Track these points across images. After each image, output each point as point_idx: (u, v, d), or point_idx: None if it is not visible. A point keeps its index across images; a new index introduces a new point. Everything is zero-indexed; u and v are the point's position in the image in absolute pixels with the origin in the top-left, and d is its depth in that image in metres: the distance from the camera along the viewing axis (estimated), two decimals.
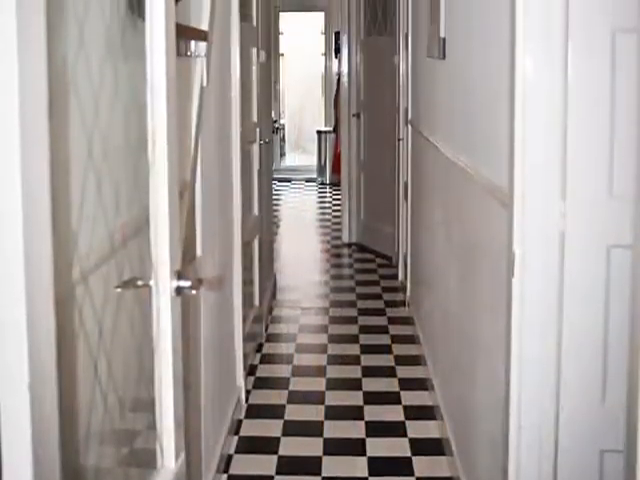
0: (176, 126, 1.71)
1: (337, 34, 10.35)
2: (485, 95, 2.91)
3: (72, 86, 1.44)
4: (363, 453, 3.72)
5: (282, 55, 13.32)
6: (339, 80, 9.01)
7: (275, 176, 9.32)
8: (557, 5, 2.23)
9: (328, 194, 11.10)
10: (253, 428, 4.02)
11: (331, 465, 3.62)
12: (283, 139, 13.66)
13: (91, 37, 1.50)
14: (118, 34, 1.64)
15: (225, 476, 3.54)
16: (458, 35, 3.47)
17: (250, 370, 4.67)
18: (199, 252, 3.06)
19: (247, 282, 4.53)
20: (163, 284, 1.69)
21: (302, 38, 13.62)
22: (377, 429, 3.97)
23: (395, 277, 6.61)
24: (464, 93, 3.33)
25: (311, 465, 3.62)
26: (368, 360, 4.88)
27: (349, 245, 7.92)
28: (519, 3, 2.27)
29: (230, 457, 3.70)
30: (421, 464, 3.62)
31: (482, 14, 2.94)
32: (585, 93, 2.26)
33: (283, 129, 13.63)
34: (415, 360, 4.82)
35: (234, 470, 3.59)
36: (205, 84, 3.07)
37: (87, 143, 1.53)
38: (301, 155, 13.78)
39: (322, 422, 4.05)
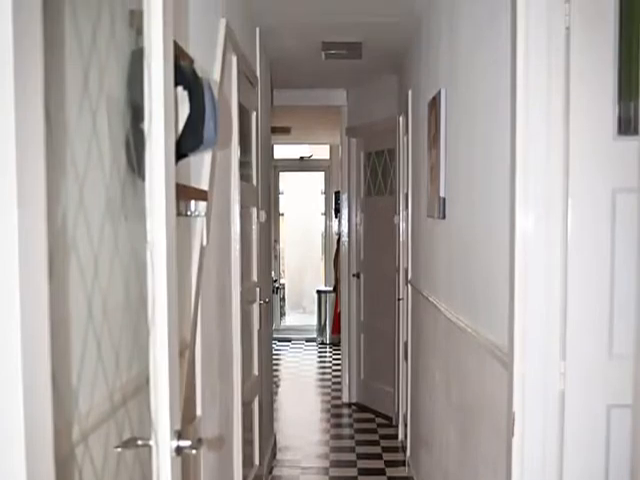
0: (176, 285, 1.71)
1: (337, 194, 10.55)
2: (485, 255, 2.94)
3: (72, 245, 1.46)
4: None
5: (282, 215, 13.52)
6: (339, 240, 9.13)
7: (275, 336, 9.29)
8: (557, 165, 2.29)
9: (328, 354, 11.04)
10: None
11: None
12: (283, 299, 13.70)
13: (91, 196, 1.52)
14: (118, 194, 1.67)
15: None
16: (458, 195, 3.54)
17: None
18: (199, 412, 3.02)
19: (247, 442, 4.45)
20: (163, 444, 1.66)
21: (302, 198, 13.87)
22: None
23: (395, 437, 6.52)
24: (464, 252, 3.37)
25: None
26: None
27: (349, 405, 7.83)
28: (520, 163, 2.32)
29: None
30: None
31: (483, 174, 3.00)
32: (585, 253, 2.29)
33: (283, 289, 13.69)
34: None
35: None
36: (205, 243, 3.11)
37: (87, 302, 1.53)
38: (301, 315, 13.79)
39: None
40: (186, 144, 2.17)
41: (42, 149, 1.08)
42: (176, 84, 1.88)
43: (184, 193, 2.62)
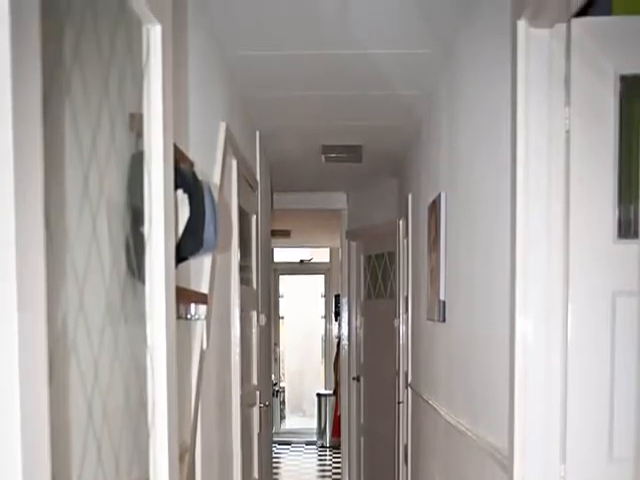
0: (176, 389, 1.69)
1: (337, 297, 10.54)
2: (485, 358, 2.92)
3: (72, 348, 1.45)
4: None
5: (282, 318, 13.49)
6: (339, 343, 9.09)
7: (275, 439, 9.15)
8: (558, 269, 2.30)
9: (328, 457, 10.87)
10: None
11: None
12: (283, 402, 13.56)
13: (91, 300, 1.52)
14: (118, 297, 1.67)
15: None
16: (458, 298, 3.53)
17: None
18: None
19: None
20: None
21: (302, 300, 13.86)
22: None
23: None
24: (464, 356, 3.34)
25: None
26: None
27: None
28: (519, 268, 2.33)
29: None
30: None
31: (483, 278, 3.01)
32: (585, 356, 2.27)
33: (283, 392, 13.56)
34: None
35: None
36: (205, 347, 3.09)
37: (87, 405, 1.51)
38: (301, 418, 13.63)
39: None
40: (186, 247, 2.17)
41: (42, 254, 1.09)
42: (176, 187, 1.90)
43: (184, 296, 2.62)
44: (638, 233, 2.30)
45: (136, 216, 1.68)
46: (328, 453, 11.14)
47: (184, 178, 2.14)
